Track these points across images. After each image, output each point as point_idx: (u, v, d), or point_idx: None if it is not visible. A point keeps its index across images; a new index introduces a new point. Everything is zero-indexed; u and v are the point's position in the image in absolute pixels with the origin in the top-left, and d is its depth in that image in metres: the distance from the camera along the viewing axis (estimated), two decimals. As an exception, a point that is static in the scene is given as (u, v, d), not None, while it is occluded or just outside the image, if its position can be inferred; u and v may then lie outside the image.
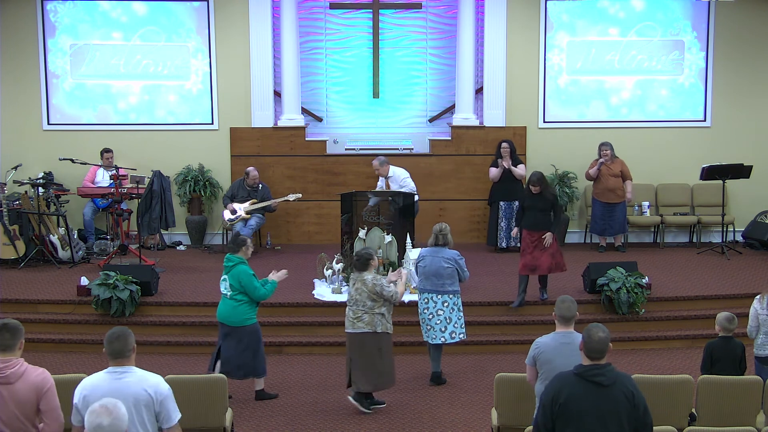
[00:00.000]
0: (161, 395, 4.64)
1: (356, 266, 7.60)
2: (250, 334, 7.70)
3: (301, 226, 12.59)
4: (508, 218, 11.77)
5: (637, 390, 4.54)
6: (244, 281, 7.61)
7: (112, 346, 4.67)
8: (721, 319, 6.75)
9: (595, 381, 4.48)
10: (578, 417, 4.45)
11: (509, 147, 11.76)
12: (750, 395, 6.26)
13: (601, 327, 4.63)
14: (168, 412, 4.66)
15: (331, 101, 13.10)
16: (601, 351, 4.55)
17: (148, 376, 4.70)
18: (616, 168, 11.82)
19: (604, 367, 4.53)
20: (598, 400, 4.46)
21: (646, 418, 4.52)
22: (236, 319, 7.66)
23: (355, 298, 7.50)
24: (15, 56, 12.48)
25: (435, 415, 7.52)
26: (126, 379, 4.62)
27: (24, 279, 10.46)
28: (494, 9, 12.36)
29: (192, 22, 12.53)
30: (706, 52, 12.66)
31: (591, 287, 9.65)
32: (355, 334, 7.48)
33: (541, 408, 4.59)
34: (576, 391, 4.48)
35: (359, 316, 7.46)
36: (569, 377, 4.56)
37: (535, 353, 5.63)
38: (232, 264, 7.70)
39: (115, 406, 4.00)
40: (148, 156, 12.45)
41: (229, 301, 7.68)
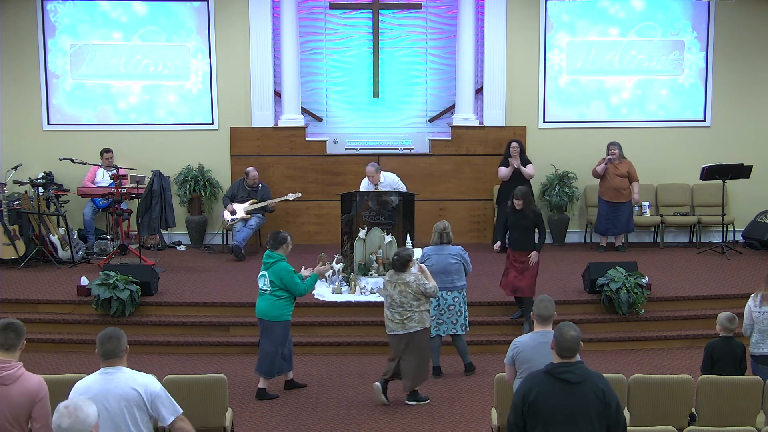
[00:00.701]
0: (151, 394, 4.62)
1: (396, 267, 7.67)
2: (283, 330, 7.83)
3: (301, 226, 12.59)
4: None
5: (609, 388, 4.52)
6: (285, 278, 7.73)
7: (104, 347, 4.68)
8: (722, 319, 6.75)
9: (564, 378, 4.47)
10: (547, 415, 4.44)
11: (519, 147, 11.76)
12: (750, 395, 6.26)
13: (573, 326, 4.63)
14: (160, 411, 4.63)
15: (331, 101, 13.10)
16: (572, 350, 4.55)
17: (137, 375, 4.69)
18: (623, 168, 11.82)
19: (573, 365, 4.52)
20: (566, 398, 4.45)
21: (618, 416, 4.50)
22: (273, 314, 7.79)
23: (399, 301, 7.58)
24: (15, 56, 12.48)
25: (435, 415, 7.52)
26: (117, 379, 4.61)
27: (24, 279, 10.46)
28: (494, 9, 12.36)
29: (192, 22, 12.53)
30: (706, 52, 12.66)
31: (591, 287, 9.65)
32: (407, 334, 7.60)
33: (513, 406, 4.60)
34: (545, 389, 4.48)
35: (409, 316, 7.59)
36: (539, 376, 4.57)
37: (514, 353, 5.64)
38: (272, 261, 7.80)
39: (78, 408, 3.98)
40: (148, 156, 12.45)
41: (268, 296, 7.80)
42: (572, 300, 9.59)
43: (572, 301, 9.58)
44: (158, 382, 4.73)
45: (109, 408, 4.55)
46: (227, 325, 9.44)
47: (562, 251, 12.15)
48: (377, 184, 10.76)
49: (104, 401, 4.54)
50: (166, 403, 4.66)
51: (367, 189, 10.79)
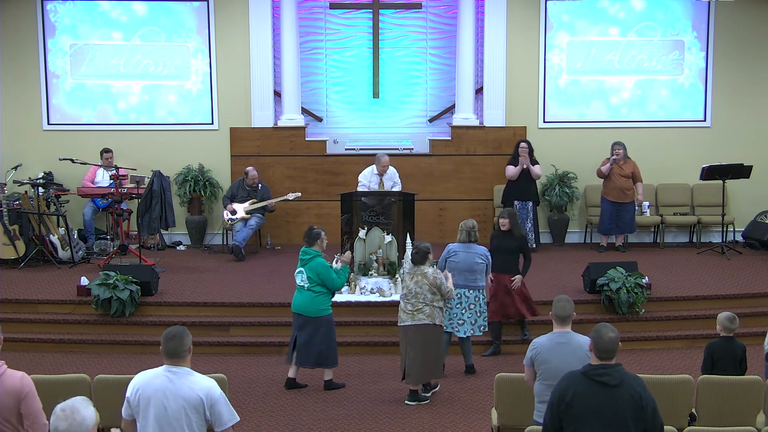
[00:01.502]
0: (212, 399, 4.60)
1: (415, 260, 7.75)
2: (327, 324, 7.98)
3: (301, 226, 12.54)
4: (522, 218, 11.73)
5: (646, 391, 4.49)
6: (322, 273, 7.88)
7: (167, 346, 4.64)
8: (723, 319, 6.73)
9: (602, 381, 4.45)
10: (583, 417, 4.43)
11: (528, 146, 11.76)
12: (750, 395, 6.26)
13: (611, 327, 4.60)
14: (219, 416, 4.62)
15: (331, 101, 13.10)
16: (611, 351, 4.52)
17: (201, 379, 4.66)
18: (627, 168, 11.81)
19: (611, 367, 4.50)
20: (603, 400, 4.43)
21: (655, 420, 4.48)
22: (314, 309, 7.92)
23: (414, 291, 7.63)
24: (15, 56, 12.48)
25: (435, 415, 7.52)
26: (180, 380, 4.59)
27: (24, 279, 10.46)
28: (494, 9, 12.36)
29: (192, 22, 12.53)
30: (706, 52, 12.66)
31: (591, 287, 9.65)
32: (415, 326, 7.61)
33: (549, 407, 4.58)
34: (582, 390, 4.47)
35: (420, 308, 7.61)
36: (576, 376, 4.54)
37: (533, 354, 5.63)
38: (309, 257, 7.94)
39: (75, 411, 3.94)
40: (148, 156, 12.45)
41: (307, 292, 7.94)
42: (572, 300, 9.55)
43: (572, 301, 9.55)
44: (219, 387, 4.70)
45: (169, 407, 4.55)
46: (227, 325, 9.44)
47: (562, 251, 12.15)
48: (383, 175, 11.00)
49: (164, 399, 4.55)
50: (224, 410, 4.64)
51: (370, 179, 10.99)
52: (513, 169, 11.73)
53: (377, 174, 11.04)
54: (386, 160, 11.07)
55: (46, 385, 5.82)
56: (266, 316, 9.53)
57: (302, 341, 7.97)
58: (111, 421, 6.22)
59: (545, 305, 9.53)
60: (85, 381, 6.27)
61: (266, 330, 9.41)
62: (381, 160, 11.06)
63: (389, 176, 11.10)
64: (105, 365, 8.66)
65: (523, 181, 11.71)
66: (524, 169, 11.69)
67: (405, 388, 8.10)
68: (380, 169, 11.03)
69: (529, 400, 6.07)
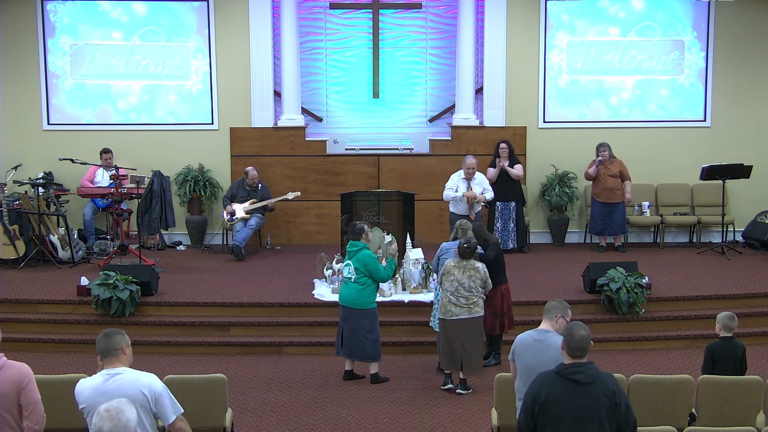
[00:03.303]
0: (156, 394, 4.62)
1: (465, 254, 7.89)
2: (372, 316, 8.15)
3: (301, 226, 12.59)
4: (504, 219, 11.75)
5: (619, 388, 4.53)
6: (370, 265, 8.06)
7: (99, 345, 4.70)
8: (723, 318, 6.72)
9: (574, 379, 4.48)
10: (557, 416, 4.45)
11: (507, 147, 11.76)
12: (750, 395, 6.26)
13: (582, 325, 4.64)
14: (165, 409, 4.64)
15: (331, 101, 13.10)
16: (582, 349, 4.55)
17: (141, 376, 4.68)
18: (614, 168, 11.82)
19: (584, 365, 4.52)
20: (577, 398, 4.45)
21: (628, 416, 4.51)
22: (360, 301, 8.09)
23: (468, 285, 7.85)
24: (15, 56, 12.48)
25: (435, 415, 7.52)
26: (119, 381, 4.60)
27: (24, 279, 10.46)
28: (494, 9, 12.36)
29: (192, 22, 12.53)
30: (706, 52, 12.66)
31: (591, 287, 9.65)
32: (473, 318, 7.90)
33: (523, 407, 4.60)
34: (555, 389, 4.49)
35: (475, 302, 7.88)
36: (550, 376, 4.57)
37: (513, 348, 5.72)
38: (356, 249, 8.15)
39: (120, 412, 3.98)
40: (148, 156, 12.45)
41: (354, 284, 8.11)
42: (572, 300, 9.51)
43: (572, 301, 9.48)
44: (160, 380, 4.73)
45: None
46: (227, 325, 9.44)
47: (562, 251, 12.15)
48: (471, 179, 10.54)
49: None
50: (168, 402, 4.66)
51: (457, 184, 10.54)
52: (491, 171, 11.67)
53: (465, 179, 10.54)
54: (471, 162, 10.50)
55: (46, 385, 5.82)
56: (266, 316, 9.53)
57: (349, 334, 8.13)
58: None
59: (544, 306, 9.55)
60: (85, 381, 6.25)
61: (266, 330, 9.41)
62: (466, 162, 10.53)
63: (478, 182, 10.58)
64: (105, 365, 8.65)
65: (503, 182, 11.66)
66: (504, 170, 11.68)
67: (405, 388, 8.12)
68: (466, 173, 10.50)
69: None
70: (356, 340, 8.11)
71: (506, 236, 11.78)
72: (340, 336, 8.25)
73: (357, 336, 8.10)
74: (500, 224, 11.79)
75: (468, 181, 10.53)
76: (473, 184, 10.52)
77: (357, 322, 8.09)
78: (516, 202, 11.78)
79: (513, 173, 11.70)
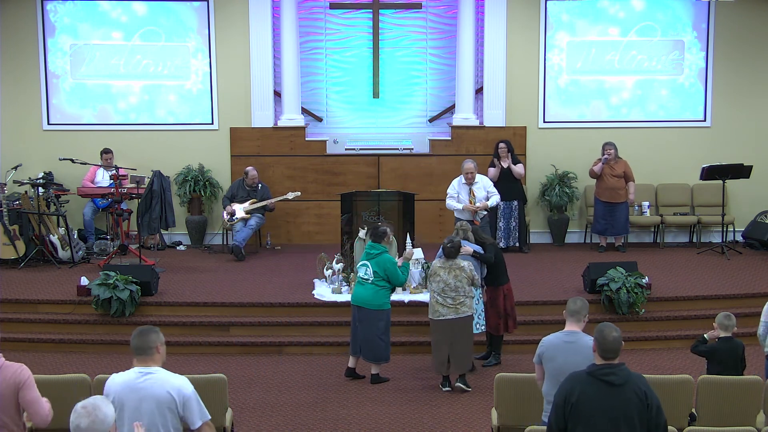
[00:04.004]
0: (183, 397, 4.61)
1: (450, 254, 7.92)
2: (386, 318, 8.20)
3: (301, 226, 12.59)
4: (506, 218, 11.77)
5: (650, 390, 4.52)
6: (389, 269, 8.13)
7: (133, 342, 4.69)
8: (720, 318, 6.71)
9: (607, 380, 4.47)
10: (589, 416, 4.45)
11: (507, 146, 11.77)
12: (750, 395, 6.26)
13: (613, 326, 4.63)
14: (192, 414, 4.63)
15: (331, 101, 13.10)
16: (614, 350, 4.55)
17: (172, 377, 4.67)
18: (619, 168, 11.82)
19: (616, 367, 4.52)
20: (609, 399, 4.45)
21: (659, 418, 4.50)
22: (376, 303, 8.13)
23: (454, 285, 7.87)
24: (15, 56, 12.48)
25: (435, 415, 7.52)
26: (151, 380, 4.61)
27: (24, 279, 10.46)
28: (494, 9, 12.36)
29: (192, 22, 12.53)
30: (706, 52, 12.66)
31: (591, 287, 9.65)
32: (461, 318, 7.92)
33: (554, 408, 4.59)
34: (587, 390, 4.49)
35: (462, 302, 7.90)
36: (581, 376, 4.56)
37: (541, 351, 5.67)
38: (377, 252, 8.20)
39: (97, 408, 3.98)
40: (148, 156, 12.45)
41: (370, 285, 8.16)
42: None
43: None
44: (191, 384, 4.71)
45: (142, 409, 4.56)
46: (227, 325, 9.44)
47: (562, 251, 12.15)
48: (472, 184, 10.21)
49: (137, 401, 4.56)
50: (196, 407, 4.65)
51: (458, 189, 10.22)
52: (492, 171, 11.68)
53: (465, 183, 10.21)
54: (469, 167, 10.12)
55: (46, 385, 5.82)
56: (266, 316, 9.53)
57: (364, 335, 8.16)
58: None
59: (544, 306, 9.58)
60: (85, 381, 6.27)
61: (266, 330, 9.41)
62: (464, 167, 10.16)
63: (480, 185, 10.22)
64: (105, 365, 8.65)
65: (505, 181, 11.67)
66: (505, 169, 11.69)
67: (405, 389, 8.12)
68: (465, 177, 10.17)
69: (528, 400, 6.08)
70: (372, 342, 8.14)
71: (508, 235, 11.80)
72: (356, 336, 8.27)
73: (373, 337, 8.13)
74: (503, 223, 11.79)
75: (469, 186, 10.20)
76: (475, 188, 10.21)
77: (374, 324, 8.11)
78: (518, 201, 11.80)
79: (516, 171, 11.71)
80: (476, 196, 10.18)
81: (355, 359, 8.36)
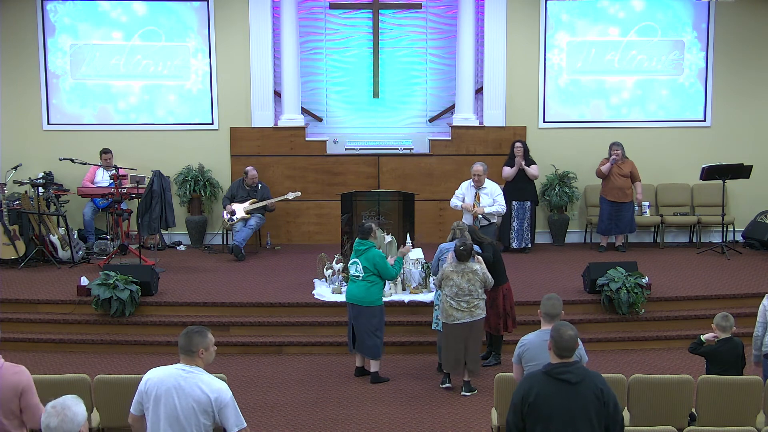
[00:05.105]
0: (221, 402, 4.61)
1: (462, 257, 7.89)
2: (380, 314, 8.26)
3: (301, 226, 12.60)
4: (520, 218, 11.77)
5: (607, 387, 4.54)
6: (379, 264, 8.16)
7: (180, 341, 4.71)
8: (718, 320, 6.69)
9: (563, 378, 4.49)
10: (547, 415, 4.46)
11: (522, 147, 11.80)
12: (750, 395, 6.26)
13: (570, 325, 4.66)
14: (227, 420, 4.63)
15: (331, 101, 13.10)
16: (570, 349, 4.57)
17: (213, 381, 4.67)
18: (626, 168, 11.82)
19: (572, 365, 4.54)
20: (566, 398, 4.47)
21: (616, 415, 4.53)
22: (369, 299, 8.17)
23: (468, 289, 7.87)
24: (15, 56, 12.48)
25: (435, 415, 7.52)
26: (191, 379, 4.62)
27: (24, 279, 10.46)
28: (494, 9, 12.36)
29: (192, 22, 12.53)
30: (706, 52, 12.66)
31: (591, 287, 9.65)
32: (475, 321, 7.94)
33: (512, 407, 4.61)
34: (544, 389, 4.50)
35: (476, 304, 7.91)
36: (538, 376, 4.59)
37: (520, 351, 5.68)
38: (365, 248, 8.22)
39: (66, 408, 3.97)
40: (148, 156, 12.45)
41: (362, 282, 8.19)
42: (572, 300, 9.58)
43: (572, 301, 9.57)
44: (230, 390, 4.71)
45: (179, 406, 4.58)
46: (227, 325, 9.44)
47: (562, 251, 12.15)
48: (480, 188, 10.05)
49: (175, 398, 4.58)
50: (233, 414, 4.64)
51: (466, 191, 10.09)
52: (509, 170, 11.75)
53: (473, 186, 10.08)
54: (477, 168, 9.98)
55: (46, 385, 5.82)
56: (266, 316, 9.53)
57: (360, 331, 8.21)
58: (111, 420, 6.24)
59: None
60: (85, 381, 6.27)
61: (266, 330, 9.41)
62: (472, 168, 10.06)
63: (488, 191, 10.05)
64: (105, 365, 8.66)
65: (520, 181, 11.73)
66: (520, 169, 11.71)
67: (405, 388, 8.12)
68: (476, 181, 9.99)
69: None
70: (366, 338, 8.19)
71: (521, 235, 11.79)
72: (351, 333, 8.31)
73: (368, 334, 8.18)
74: (516, 223, 11.80)
75: (476, 189, 10.08)
76: (482, 192, 10.05)
77: (367, 320, 8.16)
78: (530, 202, 11.81)
79: (530, 173, 11.73)
80: (480, 202, 10.10)
81: (362, 358, 8.39)
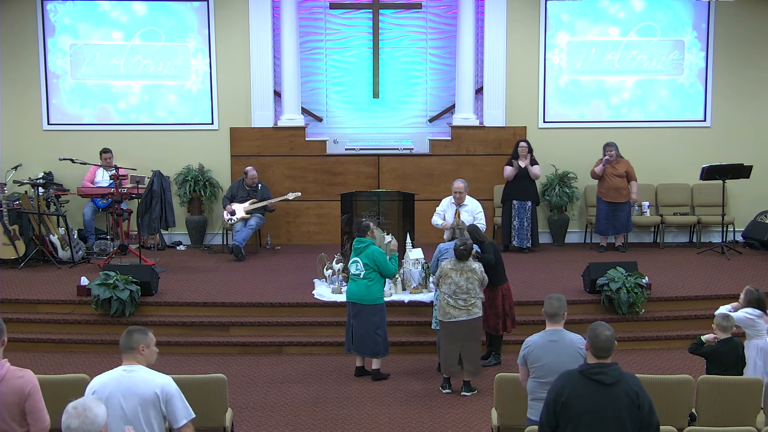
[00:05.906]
0: (167, 395, 4.64)
1: (462, 256, 7.89)
2: (381, 312, 8.24)
3: (301, 226, 12.60)
4: (520, 217, 11.78)
5: (642, 390, 4.51)
6: (379, 260, 8.16)
7: (121, 340, 4.75)
8: (718, 319, 6.70)
9: (597, 380, 4.47)
10: (580, 415, 4.44)
11: (527, 146, 11.79)
12: (750, 395, 6.26)
13: (606, 325, 4.62)
14: (175, 412, 4.65)
15: (331, 101, 13.10)
16: (606, 349, 4.54)
17: (155, 376, 4.70)
18: (621, 168, 11.82)
19: (608, 366, 4.52)
20: (599, 398, 4.44)
21: (651, 418, 4.49)
22: (370, 297, 8.18)
23: (466, 287, 7.87)
24: (15, 56, 12.48)
25: (435, 415, 7.52)
26: (134, 378, 4.65)
27: (24, 279, 10.46)
28: (494, 9, 12.36)
29: (192, 22, 12.53)
30: (706, 52, 12.66)
31: (591, 287, 9.65)
32: (472, 320, 7.92)
33: (545, 406, 4.59)
34: (578, 389, 4.48)
35: (474, 303, 7.91)
36: (573, 375, 4.56)
37: (525, 352, 5.67)
38: (364, 245, 8.23)
39: (87, 409, 3.98)
40: (148, 156, 12.45)
41: (363, 281, 8.19)
42: (572, 300, 9.55)
43: (572, 301, 9.54)
44: (174, 383, 4.74)
45: (125, 406, 4.59)
46: (227, 325, 9.44)
47: (562, 251, 12.15)
48: (460, 205, 9.80)
49: (121, 399, 4.59)
50: (180, 405, 4.68)
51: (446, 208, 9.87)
52: (509, 170, 11.74)
53: (454, 203, 9.85)
54: (458, 186, 9.78)
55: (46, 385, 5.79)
56: (266, 316, 9.53)
57: (360, 330, 8.19)
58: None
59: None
60: (85, 381, 6.23)
61: (266, 330, 9.41)
62: (453, 186, 9.85)
63: (469, 209, 9.75)
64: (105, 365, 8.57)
65: (522, 180, 11.74)
66: (523, 169, 11.71)
67: (405, 389, 8.12)
68: (457, 198, 9.78)
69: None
70: (368, 337, 8.18)
71: (522, 235, 11.80)
72: (350, 333, 8.30)
73: (369, 332, 8.17)
74: (517, 222, 11.80)
75: (457, 207, 9.83)
76: (462, 210, 9.78)
77: (369, 319, 8.15)
78: (531, 202, 11.81)
79: (533, 172, 11.73)
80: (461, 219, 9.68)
81: (362, 358, 8.38)
